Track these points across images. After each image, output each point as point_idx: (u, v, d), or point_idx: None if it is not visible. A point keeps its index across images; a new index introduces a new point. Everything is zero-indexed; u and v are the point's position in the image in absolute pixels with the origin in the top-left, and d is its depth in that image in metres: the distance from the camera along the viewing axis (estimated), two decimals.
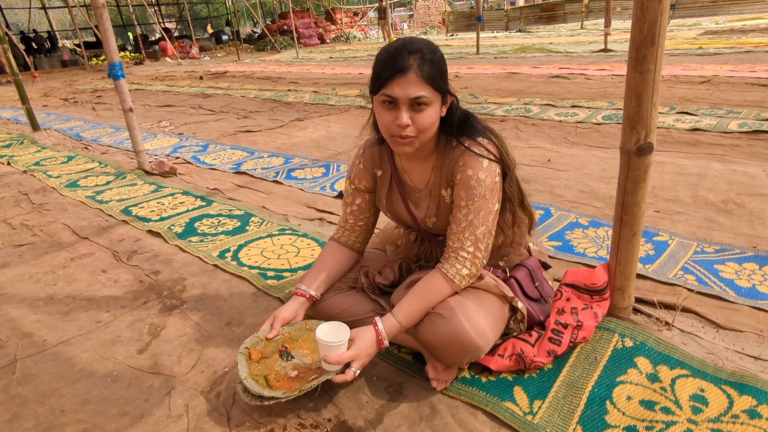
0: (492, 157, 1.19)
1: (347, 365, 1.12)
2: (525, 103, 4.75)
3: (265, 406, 1.18)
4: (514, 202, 1.27)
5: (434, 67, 1.10)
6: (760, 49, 7.12)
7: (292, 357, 1.24)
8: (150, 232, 2.34)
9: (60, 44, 20.00)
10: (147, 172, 3.32)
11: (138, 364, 1.41)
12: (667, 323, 1.39)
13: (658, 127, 3.50)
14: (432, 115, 1.13)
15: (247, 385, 1.12)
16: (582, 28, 15.63)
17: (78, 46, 17.26)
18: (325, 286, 1.37)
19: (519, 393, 1.19)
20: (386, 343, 1.16)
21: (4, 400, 1.30)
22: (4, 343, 1.54)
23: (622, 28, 13.93)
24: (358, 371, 1.12)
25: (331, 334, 1.14)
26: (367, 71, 7.11)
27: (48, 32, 18.36)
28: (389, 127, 1.13)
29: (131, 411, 1.24)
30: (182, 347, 1.48)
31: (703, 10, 15.01)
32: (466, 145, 1.19)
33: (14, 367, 1.42)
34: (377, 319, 1.17)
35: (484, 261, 1.22)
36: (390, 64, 1.09)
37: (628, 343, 1.31)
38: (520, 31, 17.44)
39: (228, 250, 2.08)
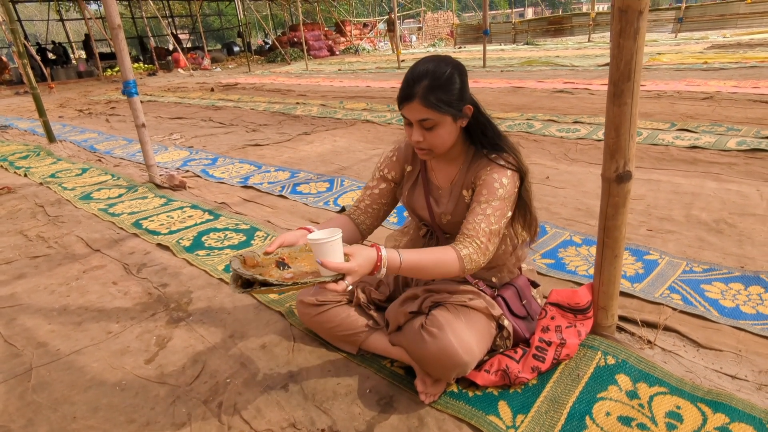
0: (513, 168, 1.29)
1: (342, 277, 1.08)
2: (528, 119, 4.82)
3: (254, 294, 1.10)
4: (528, 206, 1.35)
5: (439, 91, 1.19)
6: (765, 65, 7.14)
7: (289, 267, 1.18)
8: (159, 245, 2.44)
9: (76, 55, 20.51)
10: (158, 186, 3.44)
11: (145, 374, 1.50)
12: (649, 342, 1.45)
13: (657, 145, 3.56)
14: (442, 133, 1.25)
15: (240, 271, 1.06)
16: (589, 41, 15.72)
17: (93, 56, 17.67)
18: None
19: (503, 407, 1.25)
20: (383, 271, 1.13)
21: (21, 407, 1.38)
22: (21, 352, 1.63)
23: None
24: (350, 286, 1.09)
25: (324, 235, 1.08)
26: (375, 84, 7.24)
27: (60, 44, 18.79)
28: (409, 139, 1.29)
29: (138, 419, 1.32)
30: (187, 358, 1.56)
31: (711, 24, 15.01)
32: (492, 157, 1.30)
33: (30, 375, 1.51)
34: (380, 246, 1.16)
35: (490, 254, 1.27)
36: (403, 90, 1.23)
37: (611, 360, 1.37)
38: (527, 43, 17.57)
39: None
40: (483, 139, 1.33)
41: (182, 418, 1.31)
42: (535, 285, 1.59)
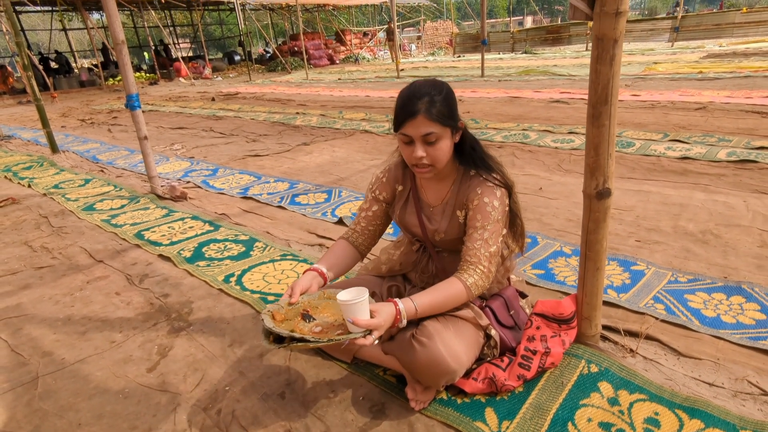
0: (501, 185, 1.39)
1: (369, 332, 1.19)
2: (524, 129, 4.90)
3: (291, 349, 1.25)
4: (518, 220, 1.45)
5: (441, 106, 1.30)
6: (759, 74, 7.24)
7: (314, 319, 1.29)
8: (161, 256, 2.50)
9: (78, 64, 20.69)
10: (159, 197, 3.51)
11: (147, 382, 1.56)
12: (631, 350, 1.51)
13: (649, 156, 3.63)
14: (443, 147, 1.33)
15: (277, 330, 1.17)
16: (587, 50, 15.87)
17: (95, 66, 17.85)
18: (333, 274, 1.49)
19: (490, 414, 1.31)
20: (404, 322, 1.26)
21: (28, 414, 1.44)
22: (27, 361, 1.69)
23: (626, 50, 14.14)
24: (377, 340, 1.20)
25: (352, 296, 1.21)
26: (374, 93, 7.32)
27: (62, 53, 18.98)
28: (410, 159, 1.36)
29: (140, 425, 1.38)
30: (188, 367, 1.62)
31: (707, 33, 15.17)
32: (483, 177, 1.39)
33: (36, 383, 1.57)
34: (397, 300, 1.28)
35: (492, 276, 1.38)
36: (404, 109, 1.30)
37: (594, 368, 1.43)
38: (525, 52, 17.73)
39: (232, 275, 2.23)
40: (472, 154, 1.42)
41: (183, 424, 1.37)
42: (523, 296, 1.65)
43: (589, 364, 1.44)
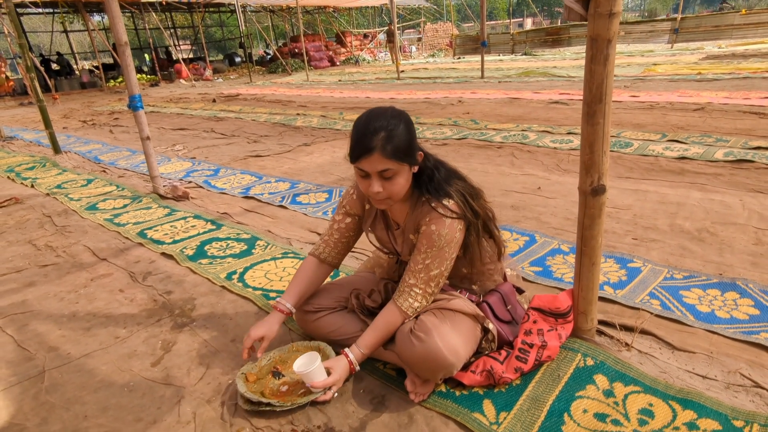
0: (455, 216, 1.35)
1: (329, 388, 1.36)
2: (523, 130, 4.94)
3: (263, 411, 1.37)
4: (474, 246, 1.42)
5: (398, 141, 1.27)
6: (757, 76, 7.28)
7: (283, 375, 1.48)
8: (163, 254, 2.53)
9: (79, 66, 20.75)
10: (161, 196, 3.54)
11: (152, 375, 1.58)
12: (627, 344, 1.54)
13: (647, 156, 3.66)
14: (400, 181, 1.32)
15: (248, 396, 1.36)
16: None
17: (96, 67, 17.90)
18: (302, 300, 1.58)
19: (487, 405, 1.34)
20: (357, 368, 1.41)
21: (35, 406, 1.47)
22: (34, 356, 1.72)
23: (626, 51, 14.19)
24: (336, 393, 1.38)
25: (306, 364, 1.36)
26: (374, 95, 7.35)
27: (63, 55, 19.04)
28: (366, 192, 1.35)
29: (145, 417, 1.41)
30: (191, 361, 1.65)
31: (706, 35, 15.21)
32: (432, 205, 1.36)
33: (43, 377, 1.60)
34: (347, 350, 1.41)
35: (435, 294, 1.42)
36: (359, 144, 1.27)
37: (589, 362, 1.46)
38: (525, 54, 17.77)
39: (235, 272, 2.26)
40: (429, 184, 1.38)
41: (187, 416, 1.39)
42: (520, 291, 1.68)
43: (585, 358, 1.47)
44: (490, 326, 1.44)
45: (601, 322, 1.63)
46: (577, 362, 1.46)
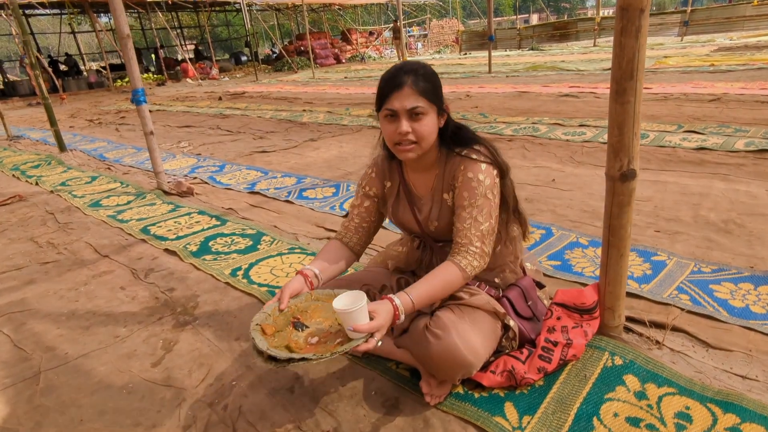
0: (488, 160, 1.30)
1: (370, 335, 1.12)
2: (533, 123, 4.82)
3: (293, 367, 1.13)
4: (509, 202, 1.37)
5: (427, 82, 1.24)
6: None
7: (307, 326, 1.21)
8: (167, 250, 2.46)
9: (87, 66, 20.82)
10: (165, 192, 3.47)
11: (152, 377, 1.50)
12: (657, 342, 1.43)
13: (664, 147, 3.54)
14: (429, 123, 1.26)
15: (273, 353, 1.07)
16: (595, 45, 15.70)
17: (104, 68, 17.94)
18: (326, 276, 1.41)
19: (509, 408, 1.24)
20: (402, 317, 1.18)
21: (29, 410, 1.39)
22: (30, 356, 1.65)
23: None
24: (381, 342, 1.14)
25: (349, 304, 1.12)
26: None
27: (71, 56, 19.11)
28: (392, 137, 1.27)
29: (144, 422, 1.32)
30: (193, 361, 1.56)
31: (717, 27, 14.94)
32: (463, 153, 1.31)
33: (38, 378, 1.53)
34: (393, 296, 1.20)
35: (488, 258, 1.30)
36: (389, 83, 1.25)
37: (618, 361, 1.35)
38: (532, 49, 17.58)
39: (239, 269, 2.18)
40: (457, 136, 1.34)
41: (188, 420, 1.31)
42: (540, 286, 1.58)
43: (613, 357, 1.37)
44: (511, 323, 1.34)
45: (628, 319, 1.52)
46: (605, 361, 1.36)
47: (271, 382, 1.43)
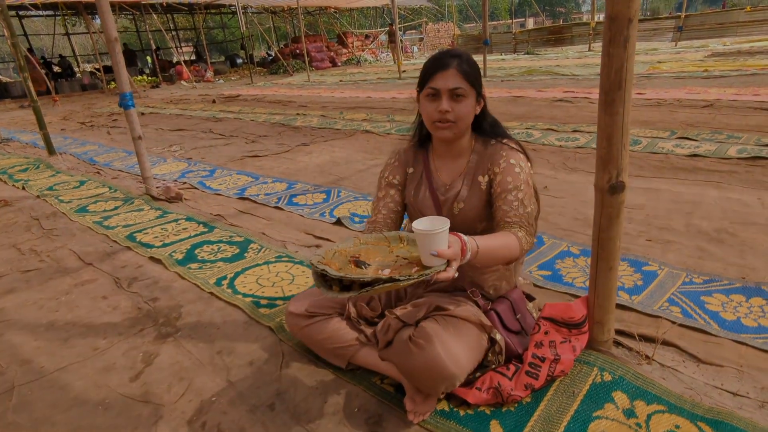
0: (523, 152, 1.40)
1: (447, 264, 1.08)
2: (527, 128, 4.80)
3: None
4: (538, 201, 1.45)
5: (471, 68, 1.32)
6: (765, 72, 7.11)
7: (369, 264, 1.15)
8: (152, 258, 2.41)
9: (81, 68, 20.70)
10: (154, 198, 3.42)
11: (129, 392, 1.46)
12: (647, 357, 1.40)
13: (656, 153, 3.52)
14: (468, 106, 1.31)
15: (353, 277, 1.02)
16: (589, 50, 15.74)
17: (98, 69, 17.85)
18: None
19: (495, 427, 1.21)
20: (468, 254, 1.14)
21: (0, 428, 1.35)
22: (4, 370, 1.60)
23: None
24: (457, 274, 1.09)
25: (432, 227, 1.06)
26: (375, 94, 7.22)
27: (65, 57, 19.01)
28: (432, 115, 1.32)
29: None
30: (173, 375, 1.52)
31: (711, 32, 15.00)
32: (504, 142, 1.40)
33: (11, 394, 1.48)
34: (460, 233, 1.16)
35: (534, 238, 1.36)
36: (435, 63, 1.31)
37: (607, 377, 1.32)
38: (528, 53, 17.62)
39: (225, 278, 2.13)
40: (493, 129, 1.43)
41: None
42: (530, 298, 1.56)
43: (602, 372, 1.34)
44: (498, 337, 1.31)
45: (618, 332, 1.49)
46: (594, 377, 1.32)
47: (252, 399, 1.39)
